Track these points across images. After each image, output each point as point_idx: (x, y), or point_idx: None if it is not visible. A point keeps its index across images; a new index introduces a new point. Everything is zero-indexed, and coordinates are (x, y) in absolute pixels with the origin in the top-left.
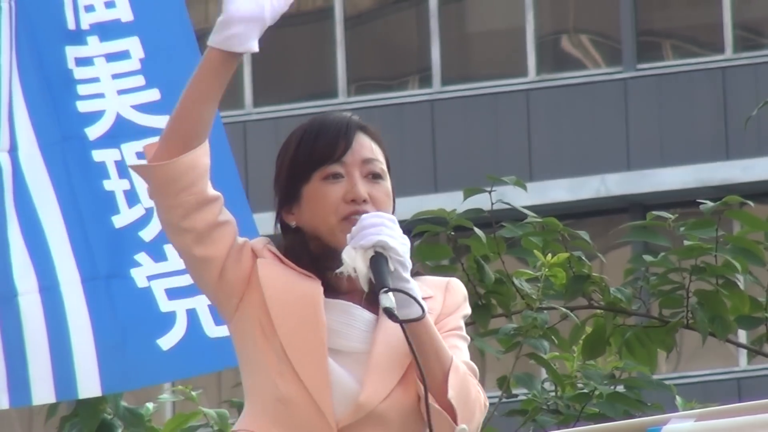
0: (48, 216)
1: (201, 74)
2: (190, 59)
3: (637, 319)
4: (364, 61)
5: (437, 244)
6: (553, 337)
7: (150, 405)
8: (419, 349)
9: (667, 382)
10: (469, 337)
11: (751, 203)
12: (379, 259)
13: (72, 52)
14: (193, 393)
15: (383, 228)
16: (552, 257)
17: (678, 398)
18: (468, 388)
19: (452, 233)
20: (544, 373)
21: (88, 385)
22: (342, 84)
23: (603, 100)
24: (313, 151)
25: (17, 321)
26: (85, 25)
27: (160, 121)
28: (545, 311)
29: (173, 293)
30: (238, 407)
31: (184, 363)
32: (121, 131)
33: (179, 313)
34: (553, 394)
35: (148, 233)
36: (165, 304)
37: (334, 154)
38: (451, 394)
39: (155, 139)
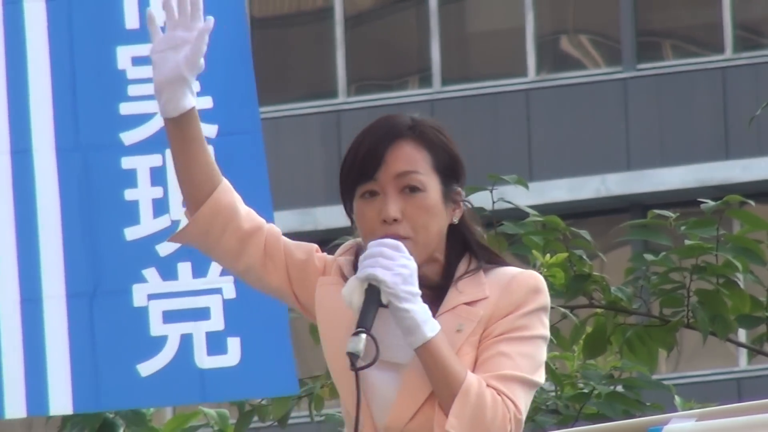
0: (47, 226)
1: (169, 141)
2: (244, 69)
3: (637, 319)
4: (364, 61)
5: None
6: (552, 337)
7: None
8: (427, 375)
9: (666, 382)
10: (538, 334)
11: (751, 203)
12: (371, 293)
13: (127, 51)
14: None
15: (379, 259)
16: (551, 257)
17: (677, 398)
18: (479, 414)
19: None
20: None
21: (60, 402)
22: (342, 84)
23: (603, 100)
24: (351, 168)
25: None
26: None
27: (210, 130)
28: None
29: (171, 316)
30: (239, 407)
31: (164, 391)
32: None
33: (171, 338)
34: (552, 394)
35: (166, 248)
36: (157, 328)
37: (367, 171)
38: (452, 423)
39: None
